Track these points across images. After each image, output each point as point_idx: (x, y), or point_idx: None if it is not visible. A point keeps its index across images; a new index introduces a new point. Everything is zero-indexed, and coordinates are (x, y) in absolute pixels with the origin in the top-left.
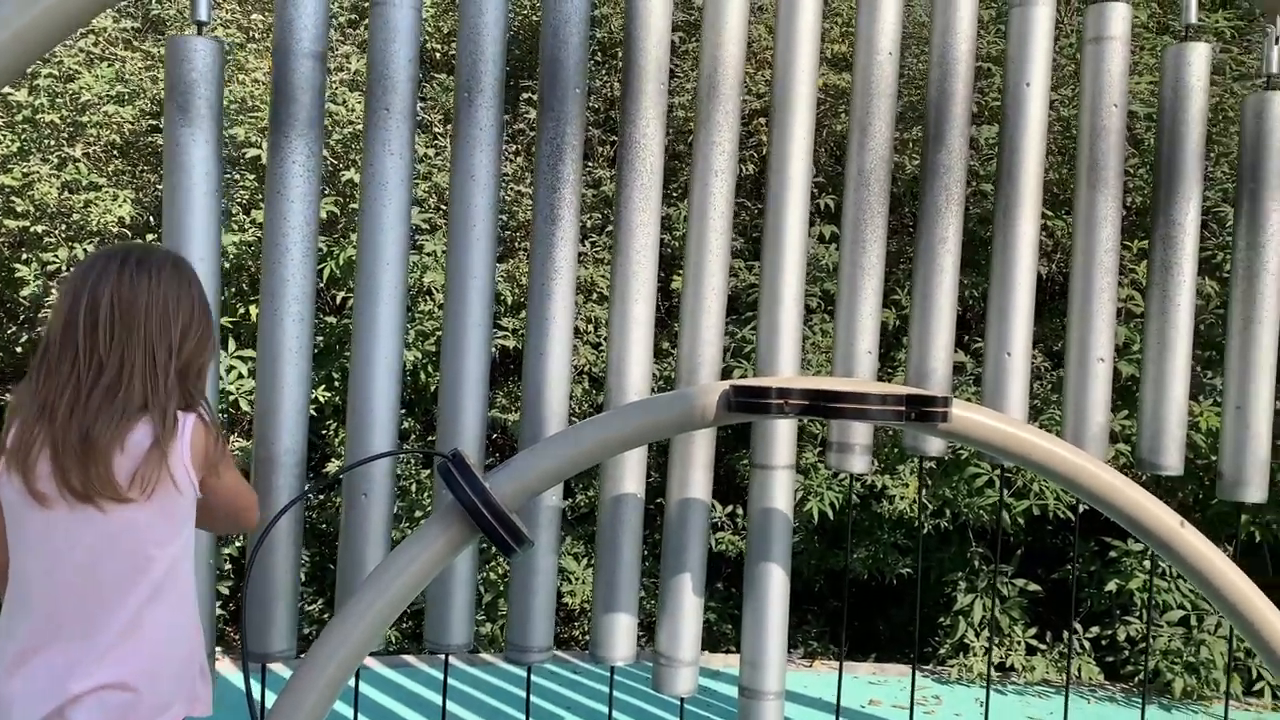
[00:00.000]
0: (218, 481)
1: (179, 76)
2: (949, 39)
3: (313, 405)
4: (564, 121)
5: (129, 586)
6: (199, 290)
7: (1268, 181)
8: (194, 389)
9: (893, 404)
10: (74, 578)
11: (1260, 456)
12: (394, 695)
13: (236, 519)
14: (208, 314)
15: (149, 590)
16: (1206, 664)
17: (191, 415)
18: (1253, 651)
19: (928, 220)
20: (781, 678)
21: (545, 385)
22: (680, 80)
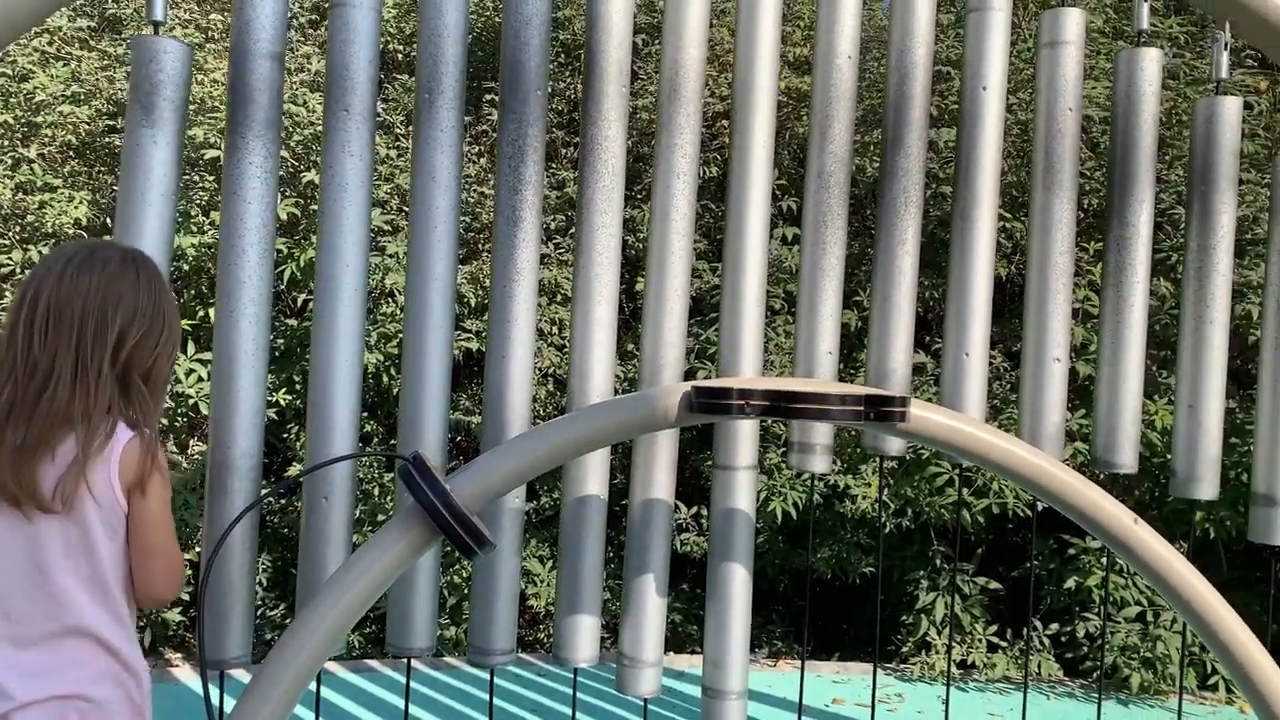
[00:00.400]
0: (138, 509)
1: (144, 77)
2: (907, 43)
3: (273, 409)
4: (525, 123)
5: (61, 597)
6: (152, 291)
7: (1218, 184)
8: (141, 399)
9: (852, 404)
10: (19, 581)
11: (1212, 454)
12: (357, 700)
13: (145, 566)
14: (163, 318)
15: (81, 602)
16: (1163, 659)
17: (130, 434)
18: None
19: (887, 222)
20: (744, 677)
21: (508, 387)
22: (644, 83)
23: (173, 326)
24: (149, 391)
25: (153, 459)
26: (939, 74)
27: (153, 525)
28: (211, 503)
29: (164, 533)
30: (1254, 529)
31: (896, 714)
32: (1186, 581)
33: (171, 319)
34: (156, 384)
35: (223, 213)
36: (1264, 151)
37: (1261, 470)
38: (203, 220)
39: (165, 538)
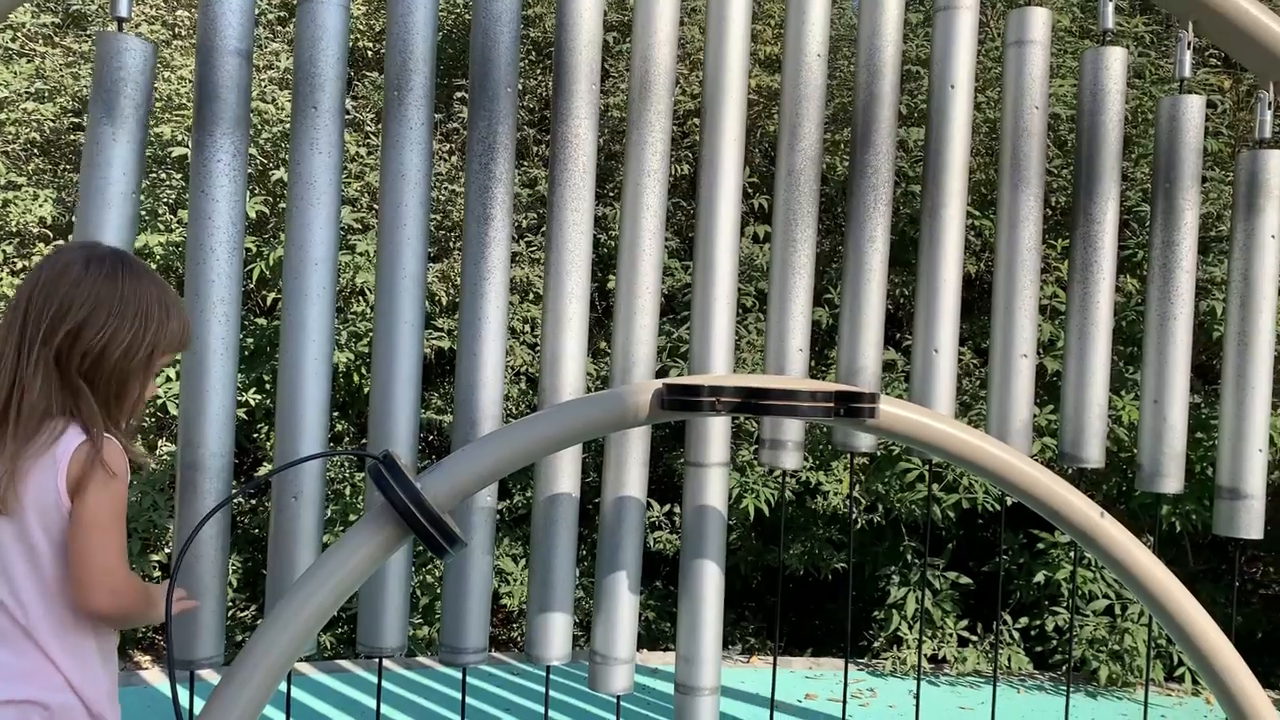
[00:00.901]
0: (75, 511)
1: (106, 73)
2: (876, 42)
3: (244, 409)
4: (496, 120)
5: (19, 597)
6: (100, 283)
7: (1181, 181)
8: (85, 399)
9: (822, 400)
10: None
11: (1176, 449)
12: (329, 700)
13: (75, 572)
14: (110, 311)
15: (34, 609)
16: (1130, 652)
17: (82, 436)
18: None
19: (856, 220)
20: (717, 673)
21: (479, 385)
22: (615, 80)
23: (131, 320)
24: (103, 390)
25: (95, 462)
26: (908, 73)
27: (84, 528)
28: (181, 503)
29: (97, 539)
30: (1218, 522)
31: (868, 709)
32: (1151, 575)
33: (127, 314)
34: (111, 382)
35: (190, 211)
36: (1228, 149)
37: (1225, 464)
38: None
39: (99, 544)
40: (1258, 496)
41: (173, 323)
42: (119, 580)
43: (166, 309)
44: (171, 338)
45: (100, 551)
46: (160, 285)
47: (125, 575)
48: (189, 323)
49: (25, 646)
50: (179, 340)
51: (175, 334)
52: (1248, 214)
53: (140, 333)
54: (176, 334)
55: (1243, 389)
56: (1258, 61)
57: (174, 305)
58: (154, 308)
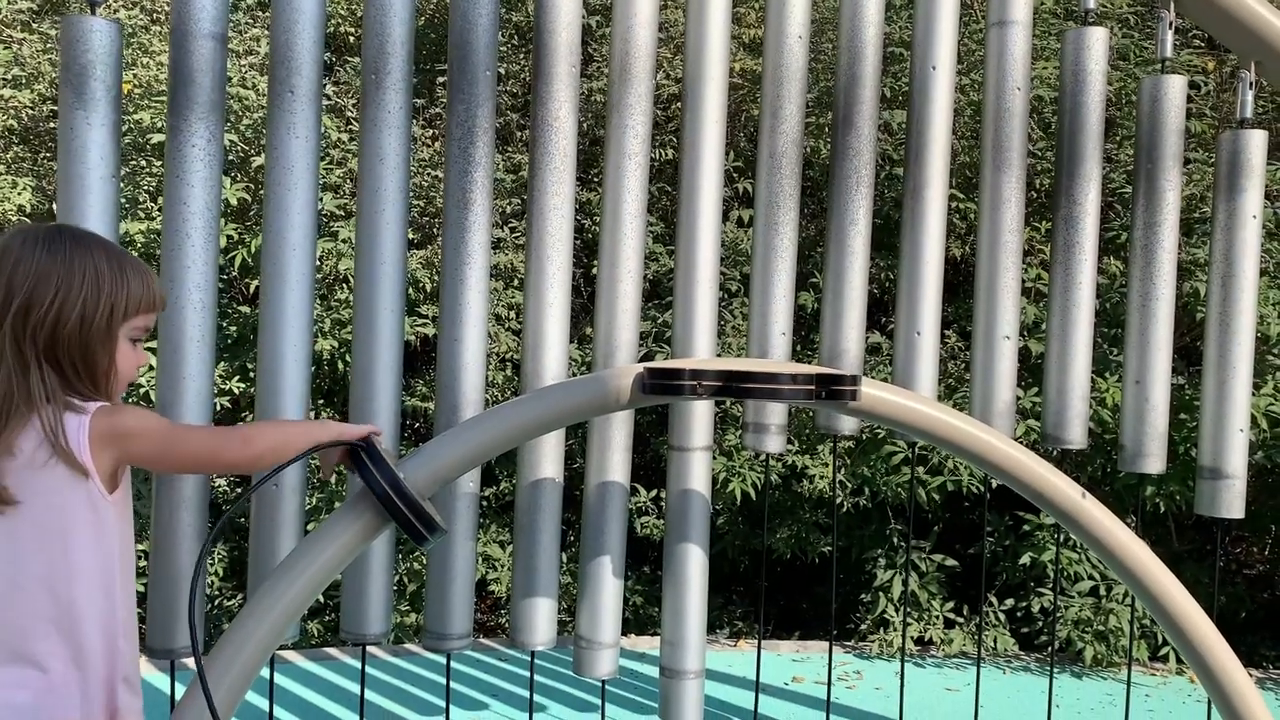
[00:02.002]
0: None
1: (73, 58)
2: (857, 24)
3: (226, 397)
4: (475, 105)
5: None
6: (60, 255)
7: (1163, 162)
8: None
9: (803, 383)
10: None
11: (1159, 429)
12: (315, 688)
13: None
14: (84, 284)
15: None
16: (1115, 632)
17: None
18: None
19: (839, 203)
20: (701, 657)
21: (461, 372)
22: (599, 65)
23: (79, 287)
24: (68, 366)
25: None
26: (891, 55)
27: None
28: (159, 492)
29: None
30: (1200, 502)
31: (855, 691)
32: (1134, 555)
33: (74, 281)
34: (72, 356)
35: (166, 197)
36: (1211, 131)
37: (1207, 444)
38: (151, 206)
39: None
40: (1239, 476)
41: (131, 282)
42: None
43: (120, 269)
44: (134, 298)
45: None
46: (110, 248)
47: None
48: (153, 281)
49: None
50: (143, 300)
51: (137, 293)
52: (1229, 194)
53: (94, 297)
54: (139, 293)
55: (1224, 369)
56: (1239, 41)
57: (129, 264)
58: (103, 269)
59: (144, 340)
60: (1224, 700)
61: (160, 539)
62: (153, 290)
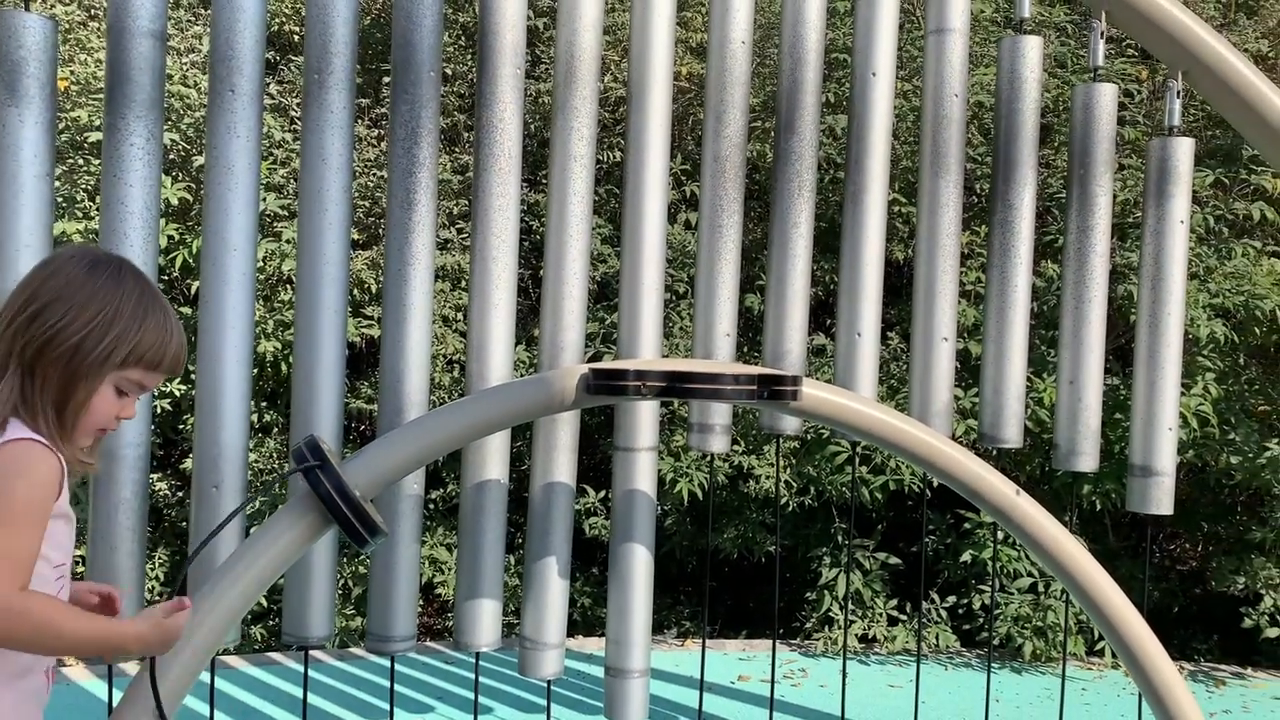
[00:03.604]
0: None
1: (6, 54)
2: (799, 29)
3: (167, 399)
4: (419, 105)
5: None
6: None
7: (1095, 168)
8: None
9: (745, 384)
10: None
11: (1092, 428)
12: (257, 693)
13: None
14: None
15: None
16: (1054, 628)
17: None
18: None
19: (781, 206)
20: (646, 656)
21: (404, 373)
22: (547, 66)
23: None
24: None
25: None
26: (833, 60)
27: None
28: (96, 494)
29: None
30: (1131, 498)
31: (800, 689)
32: (1065, 550)
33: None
34: (51, 376)
35: (104, 197)
36: (1144, 137)
37: (1137, 442)
38: (88, 205)
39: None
40: (1168, 473)
41: (146, 334)
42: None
43: (142, 318)
44: (141, 349)
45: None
46: (150, 297)
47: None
48: (176, 345)
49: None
50: (151, 356)
51: (146, 347)
52: (1158, 200)
53: (99, 331)
54: (148, 348)
55: (1154, 369)
56: (1167, 51)
57: (157, 319)
58: (124, 310)
59: (136, 398)
60: (1152, 692)
61: (98, 542)
62: (167, 352)
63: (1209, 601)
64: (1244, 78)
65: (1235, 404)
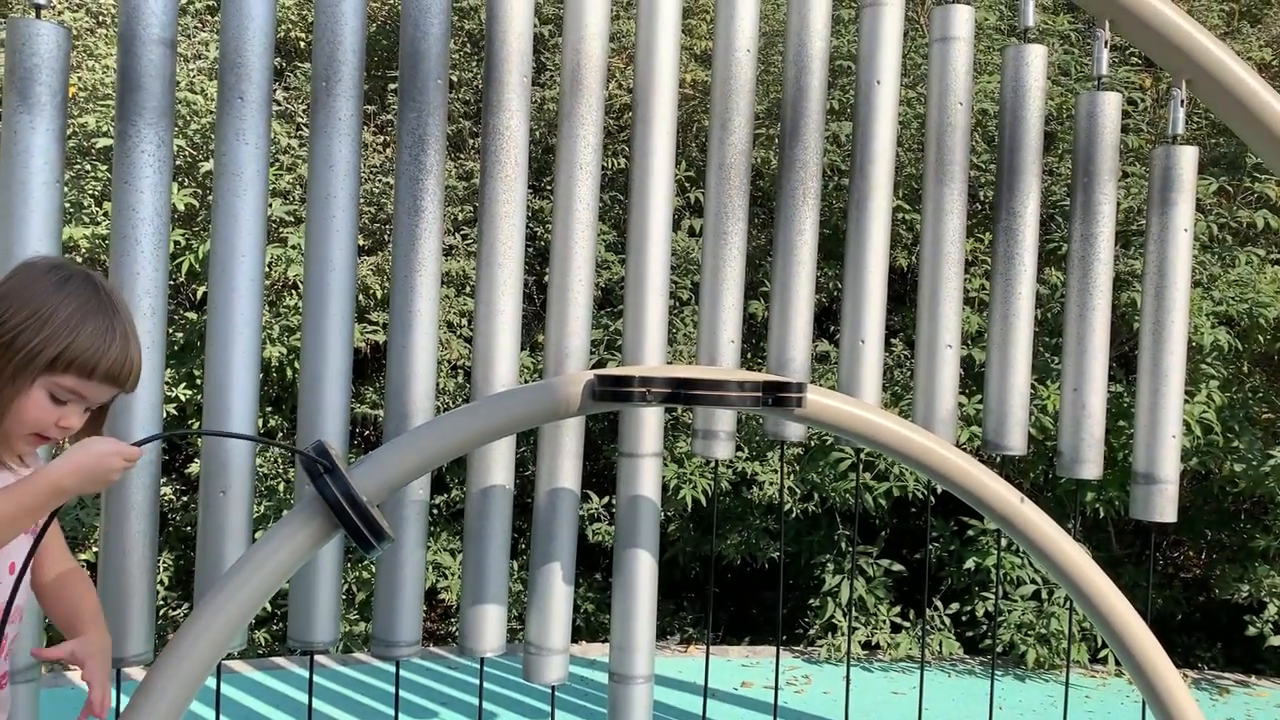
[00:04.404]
0: None
1: (18, 61)
2: (804, 37)
3: (174, 404)
4: (426, 112)
5: None
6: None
7: (1099, 176)
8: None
9: (750, 390)
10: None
11: (1096, 435)
12: (263, 698)
13: None
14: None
15: None
16: (1057, 635)
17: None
18: None
19: (786, 213)
20: (650, 662)
21: (410, 379)
22: (553, 73)
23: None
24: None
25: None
26: (838, 68)
27: None
28: (108, 498)
29: None
30: (1134, 506)
31: (803, 696)
32: (1069, 558)
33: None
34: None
35: (114, 203)
36: (1148, 145)
37: (1141, 449)
38: (96, 211)
39: None
40: (1171, 481)
41: (80, 338)
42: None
43: (79, 322)
44: (72, 354)
45: None
46: (95, 303)
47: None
48: (115, 355)
49: None
50: (85, 364)
51: (79, 351)
52: (1162, 208)
53: (29, 332)
54: (81, 352)
55: (1158, 377)
56: (1171, 60)
57: (97, 324)
58: (60, 313)
59: (81, 408)
60: (1157, 701)
61: (109, 546)
62: (101, 360)
63: (1212, 609)
64: (1248, 86)
65: (1239, 411)
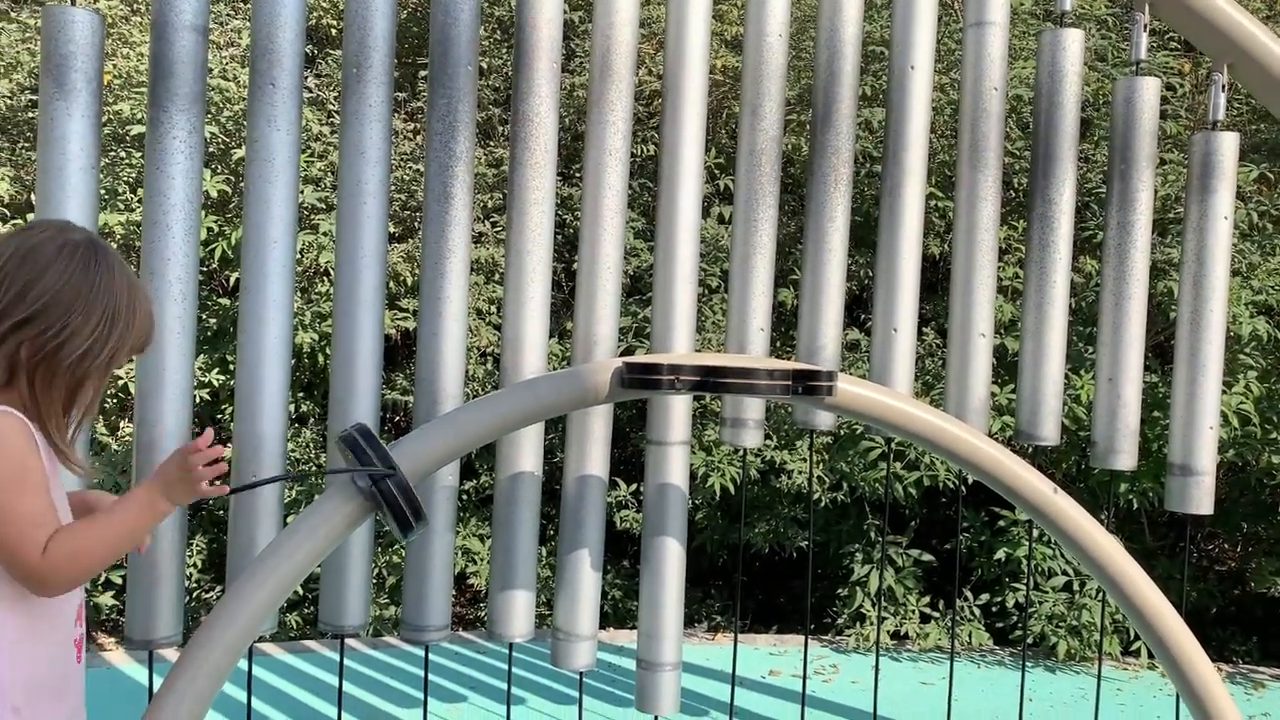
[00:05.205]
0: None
1: (54, 48)
2: (837, 23)
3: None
4: (456, 99)
5: None
6: (90, 280)
7: (1137, 163)
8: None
9: (780, 379)
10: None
11: (1130, 426)
12: (294, 680)
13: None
14: (101, 319)
15: None
16: (1088, 627)
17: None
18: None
19: (817, 200)
20: (678, 649)
21: (440, 365)
22: (581, 60)
23: (97, 321)
24: (43, 391)
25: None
26: (870, 53)
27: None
28: (138, 483)
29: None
30: (1170, 498)
31: (831, 685)
32: (1103, 549)
33: (94, 312)
34: (57, 385)
35: (146, 189)
36: (1186, 132)
37: (1177, 441)
38: (130, 197)
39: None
40: (1208, 472)
41: (139, 323)
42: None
43: (134, 307)
44: (136, 339)
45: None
46: (131, 281)
47: (37, 559)
48: (153, 319)
49: None
50: (143, 342)
51: (140, 335)
52: (1201, 195)
53: (104, 335)
54: (142, 335)
55: (1195, 367)
56: (1212, 44)
57: (142, 303)
58: (122, 308)
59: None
60: (1191, 694)
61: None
62: (151, 330)
63: (1248, 602)
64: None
65: (1277, 402)
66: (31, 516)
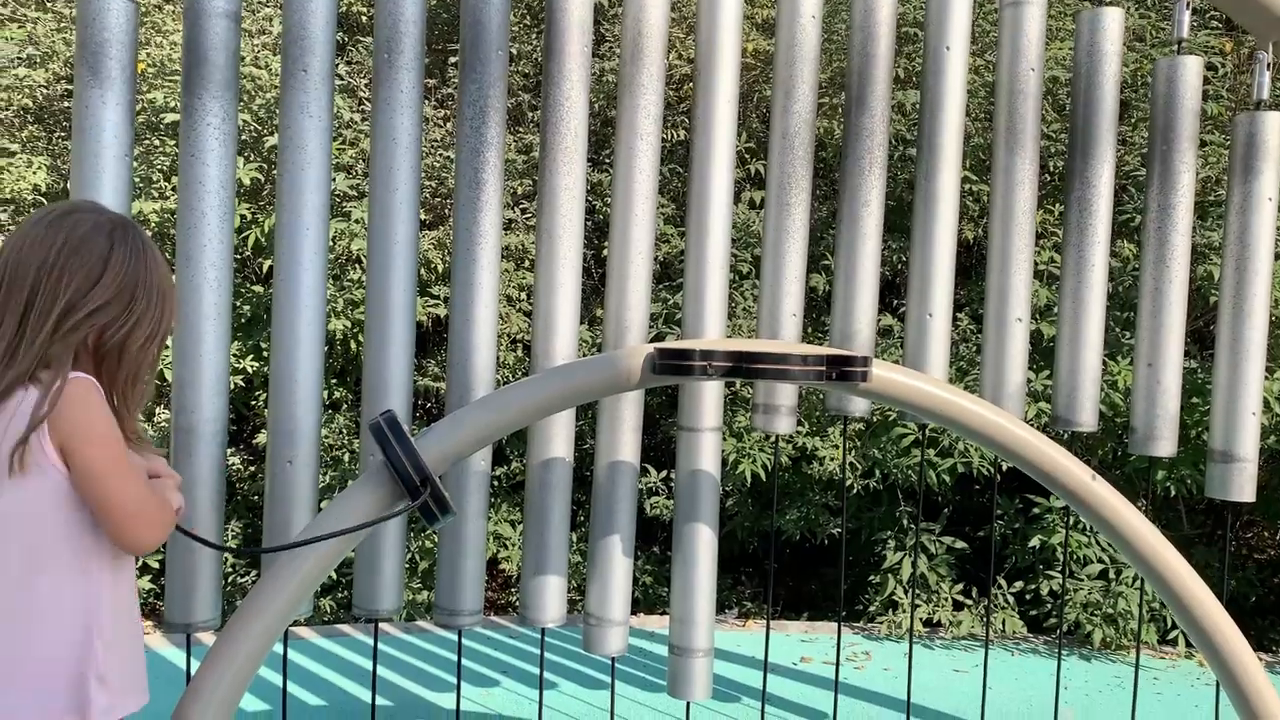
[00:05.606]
0: (76, 464)
1: (89, 36)
2: (870, 3)
3: (241, 376)
4: (487, 84)
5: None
6: (145, 270)
7: (1178, 144)
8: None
9: (814, 364)
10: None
11: (1170, 412)
12: (328, 664)
13: (115, 528)
14: (156, 306)
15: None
16: (1124, 615)
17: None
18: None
19: (851, 184)
20: (710, 635)
21: (472, 351)
22: (611, 44)
23: (155, 308)
24: (115, 376)
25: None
26: (906, 35)
27: (98, 488)
28: (176, 469)
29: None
30: (1210, 484)
31: (863, 672)
32: (1142, 537)
33: (153, 300)
34: (126, 371)
35: (180, 176)
36: (1228, 113)
37: (1218, 427)
38: (164, 185)
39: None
40: (1250, 459)
41: (173, 304)
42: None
43: (170, 291)
44: (171, 318)
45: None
46: (162, 262)
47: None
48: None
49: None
50: (174, 319)
51: (173, 313)
52: (1245, 176)
53: (159, 315)
54: (173, 313)
55: (1237, 352)
56: (1256, 22)
57: (172, 284)
58: (169, 290)
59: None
60: (1233, 683)
61: None
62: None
63: None
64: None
65: None
66: (129, 472)
